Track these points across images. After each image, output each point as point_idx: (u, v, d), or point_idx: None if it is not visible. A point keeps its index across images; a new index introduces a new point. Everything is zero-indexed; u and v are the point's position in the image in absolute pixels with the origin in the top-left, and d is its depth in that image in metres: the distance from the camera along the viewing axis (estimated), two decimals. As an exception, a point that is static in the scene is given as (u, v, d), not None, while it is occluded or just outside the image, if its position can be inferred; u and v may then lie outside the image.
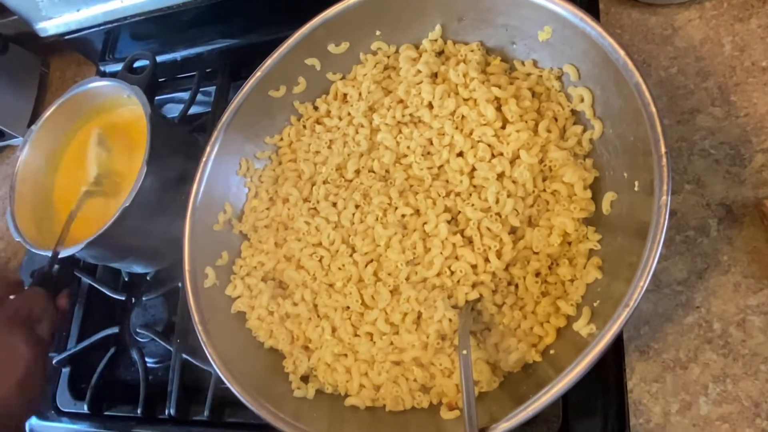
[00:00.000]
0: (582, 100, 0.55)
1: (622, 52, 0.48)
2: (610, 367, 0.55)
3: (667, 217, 0.43)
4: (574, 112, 0.56)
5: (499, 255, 0.55)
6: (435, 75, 0.62)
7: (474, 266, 0.55)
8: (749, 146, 0.56)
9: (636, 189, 0.48)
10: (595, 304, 0.49)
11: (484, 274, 0.55)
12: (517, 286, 0.55)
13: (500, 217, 0.55)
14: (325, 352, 0.58)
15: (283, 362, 0.60)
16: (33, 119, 0.96)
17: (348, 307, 0.58)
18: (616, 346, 0.55)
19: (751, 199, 0.55)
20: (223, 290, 0.64)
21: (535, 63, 0.59)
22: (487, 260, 0.55)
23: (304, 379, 0.59)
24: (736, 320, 0.52)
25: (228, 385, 0.55)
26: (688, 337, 0.53)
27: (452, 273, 0.56)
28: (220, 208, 0.67)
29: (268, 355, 0.61)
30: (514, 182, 0.56)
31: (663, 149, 0.44)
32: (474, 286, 0.55)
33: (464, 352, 0.49)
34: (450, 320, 0.54)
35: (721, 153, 0.57)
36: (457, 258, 0.56)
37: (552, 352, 0.51)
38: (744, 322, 0.52)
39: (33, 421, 0.80)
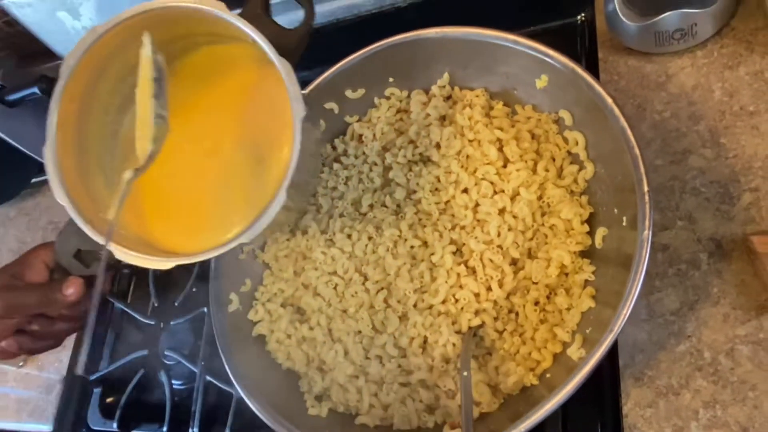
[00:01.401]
0: (576, 143, 0.59)
1: (609, 100, 0.52)
2: (608, 393, 0.58)
3: (648, 249, 0.47)
4: (570, 152, 0.61)
5: (500, 284, 0.59)
6: (443, 118, 0.67)
7: (477, 294, 0.59)
8: (737, 185, 0.60)
9: (624, 224, 0.52)
10: (587, 331, 0.53)
11: (486, 302, 0.59)
12: (517, 314, 0.58)
13: (501, 249, 0.59)
14: (338, 373, 0.62)
15: (299, 382, 0.65)
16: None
17: (360, 332, 0.62)
18: (613, 373, 0.58)
19: (739, 235, 0.58)
20: (246, 315, 0.69)
21: (534, 108, 0.63)
22: (489, 289, 0.59)
23: (318, 398, 0.63)
24: (726, 349, 0.55)
25: (248, 402, 0.59)
26: (680, 365, 0.56)
27: (457, 300, 0.59)
28: (245, 238, 0.72)
29: (285, 375, 0.66)
30: (514, 217, 0.60)
31: (645, 188, 0.48)
32: (477, 313, 0.59)
33: (465, 374, 0.53)
34: (454, 345, 0.58)
35: (711, 191, 0.61)
36: (461, 287, 0.60)
37: (548, 375, 0.54)
38: (733, 351, 0.55)
39: (65, 439, 0.85)
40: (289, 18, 0.58)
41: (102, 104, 0.53)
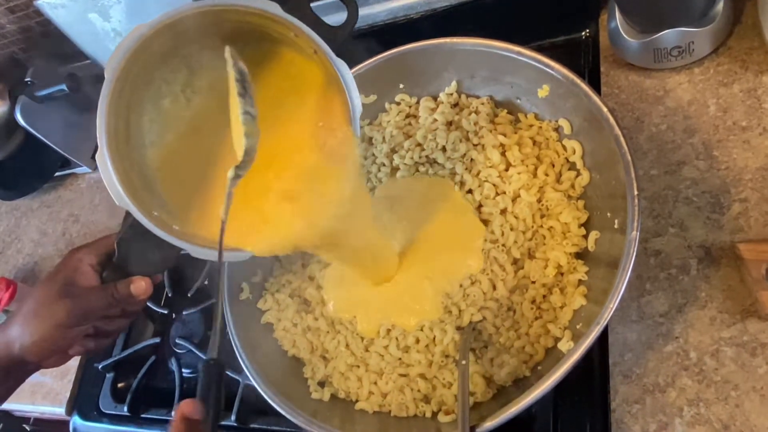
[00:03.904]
0: (574, 152, 0.63)
1: (605, 109, 0.56)
2: (597, 389, 0.60)
3: (635, 249, 0.50)
4: (567, 159, 0.64)
5: (504, 282, 0.62)
6: (450, 123, 0.70)
7: (484, 292, 0.62)
8: (728, 196, 0.63)
9: (616, 227, 0.55)
10: (578, 326, 0.56)
11: (489, 301, 0.62)
12: (514, 310, 0.61)
13: (505, 247, 0.62)
14: (339, 362, 0.65)
15: (303, 369, 0.68)
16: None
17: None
18: (603, 371, 0.60)
19: (727, 243, 0.61)
20: (255, 303, 0.72)
21: (536, 116, 0.67)
22: (494, 288, 0.62)
23: (321, 384, 0.66)
24: (711, 350, 0.57)
25: (254, 384, 0.62)
26: (667, 364, 0.58)
27: (467, 296, 0.63)
28: (258, 232, 0.75)
29: (290, 361, 0.69)
30: (515, 217, 0.63)
31: (635, 191, 0.51)
32: (480, 309, 0.62)
33: (463, 362, 0.56)
34: (455, 342, 0.61)
35: (702, 201, 0.63)
36: (472, 283, 0.63)
37: (540, 368, 0.57)
38: (717, 353, 0.57)
39: (77, 421, 0.88)
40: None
41: (136, 105, 0.53)
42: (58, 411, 0.92)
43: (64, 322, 0.57)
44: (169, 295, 0.90)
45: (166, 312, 0.89)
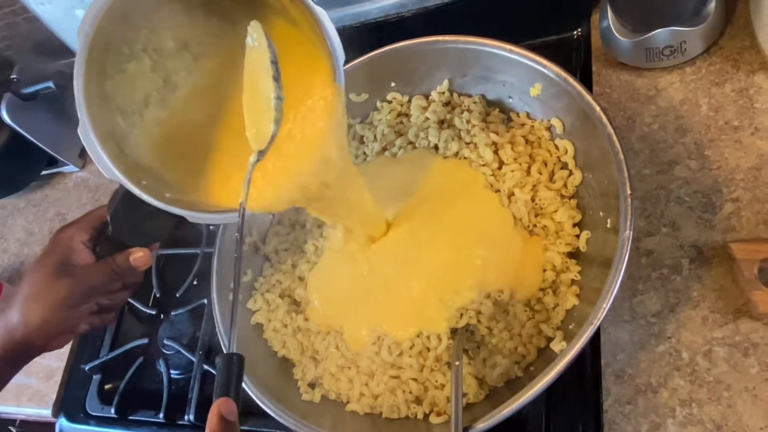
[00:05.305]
0: (566, 152, 0.62)
1: (597, 108, 0.55)
2: (590, 390, 0.60)
3: (629, 248, 0.49)
4: (559, 159, 0.64)
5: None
6: (441, 122, 0.70)
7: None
8: (720, 195, 0.63)
9: (608, 226, 0.55)
10: (570, 327, 0.55)
11: (488, 305, 0.61)
12: (507, 311, 0.61)
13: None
14: (330, 363, 0.64)
15: (293, 370, 0.67)
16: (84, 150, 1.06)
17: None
18: (595, 371, 0.60)
19: (719, 243, 0.60)
20: (245, 304, 0.71)
21: (528, 115, 0.66)
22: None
23: (311, 385, 0.66)
24: (703, 350, 0.57)
25: (244, 386, 0.61)
26: (659, 365, 0.58)
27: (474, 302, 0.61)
28: (248, 231, 0.74)
29: (280, 363, 0.68)
30: (513, 217, 0.63)
31: (628, 191, 0.51)
32: (478, 313, 0.61)
33: (456, 363, 0.55)
34: (448, 348, 0.60)
35: (694, 201, 0.63)
36: None
37: (532, 368, 0.57)
38: (710, 353, 0.57)
39: (63, 423, 0.87)
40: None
41: (110, 71, 0.51)
42: (45, 413, 0.90)
43: (68, 301, 0.56)
44: (158, 295, 0.89)
45: (154, 313, 0.88)
